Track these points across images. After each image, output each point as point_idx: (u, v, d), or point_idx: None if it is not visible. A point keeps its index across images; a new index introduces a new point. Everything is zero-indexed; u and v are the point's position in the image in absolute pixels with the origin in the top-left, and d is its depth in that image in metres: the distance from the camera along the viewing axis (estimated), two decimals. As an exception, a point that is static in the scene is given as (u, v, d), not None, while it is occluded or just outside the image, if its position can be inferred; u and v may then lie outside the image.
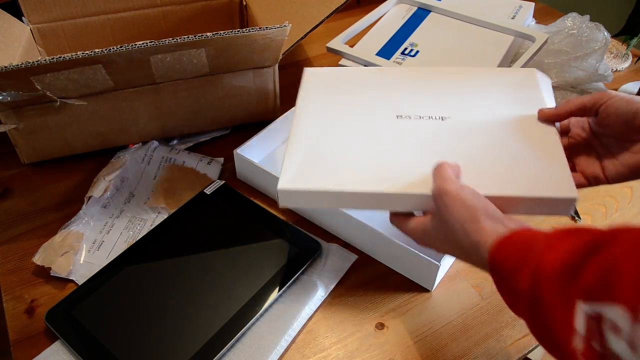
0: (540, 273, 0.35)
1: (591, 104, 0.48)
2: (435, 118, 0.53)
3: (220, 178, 0.69)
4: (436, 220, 0.45)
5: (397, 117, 0.53)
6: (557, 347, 0.34)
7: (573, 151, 0.52)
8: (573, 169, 0.51)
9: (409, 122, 0.53)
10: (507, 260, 0.39)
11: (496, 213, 0.43)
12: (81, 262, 0.59)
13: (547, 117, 0.52)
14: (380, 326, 0.54)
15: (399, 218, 0.49)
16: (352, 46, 0.84)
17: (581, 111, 0.49)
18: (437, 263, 0.53)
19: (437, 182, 0.44)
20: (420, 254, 0.54)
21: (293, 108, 0.73)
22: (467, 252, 0.43)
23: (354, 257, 0.59)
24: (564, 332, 0.33)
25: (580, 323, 0.31)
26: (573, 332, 0.32)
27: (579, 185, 0.50)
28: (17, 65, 0.55)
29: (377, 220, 0.61)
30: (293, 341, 0.52)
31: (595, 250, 0.32)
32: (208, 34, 0.59)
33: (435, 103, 0.55)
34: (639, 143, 0.47)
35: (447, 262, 0.56)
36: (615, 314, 0.29)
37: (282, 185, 0.47)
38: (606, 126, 0.48)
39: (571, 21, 0.84)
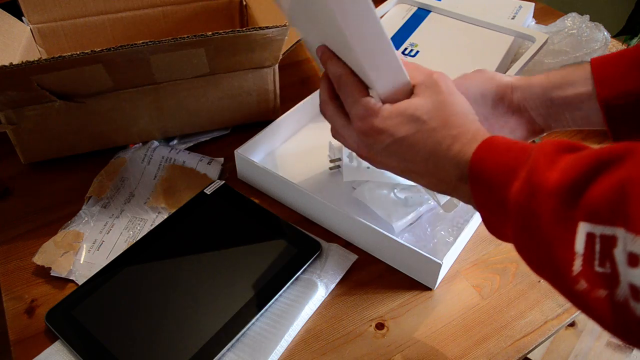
0: (539, 187, 0.32)
1: None
2: None
3: (220, 178, 0.69)
4: (431, 98, 0.41)
5: None
6: (554, 270, 0.32)
7: None
8: None
9: None
10: (495, 164, 0.36)
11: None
12: (81, 262, 0.59)
13: None
14: (380, 326, 0.54)
15: (358, 89, 0.42)
16: (352, 46, 0.84)
17: None
18: (440, 261, 0.53)
19: (420, 67, 0.43)
20: (423, 252, 0.54)
21: (294, 108, 0.73)
22: (450, 150, 0.39)
23: (354, 257, 0.59)
24: (563, 255, 0.30)
25: (580, 244, 0.29)
26: (573, 255, 0.30)
27: None
28: (17, 65, 0.55)
29: (378, 219, 0.61)
30: (293, 341, 0.52)
31: (603, 167, 0.30)
32: (208, 33, 0.59)
33: None
34: (502, 123, 0.50)
35: (449, 260, 0.56)
36: (623, 236, 0.27)
37: None
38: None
39: (571, 21, 0.84)
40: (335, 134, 0.48)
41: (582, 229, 0.29)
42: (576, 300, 0.31)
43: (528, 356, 0.54)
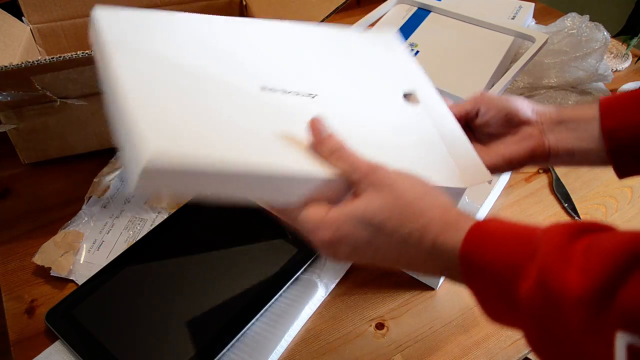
0: (559, 295, 0.27)
1: (471, 107, 0.50)
2: (304, 95, 0.42)
3: (220, 178, 0.69)
4: (377, 195, 0.35)
5: (262, 89, 0.41)
6: None
7: None
8: None
9: (275, 97, 0.41)
10: (493, 258, 0.31)
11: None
12: (81, 262, 0.59)
13: None
14: (380, 326, 0.54)
15: (297, 211, 0.37)
16: (352, 46, 0.84)
17: (464, 117, 0.51)
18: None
19: (354, 161, 0.36)
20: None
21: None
22: (421, 244, 0.34)
23: (354, 257, 0.59)
24: None
25: (620, 358, 0.25)
26: None
27: None
28: (17, 65, 0.55)
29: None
30: (293, 341, 0.52)
31: (636, 263, 0.26)
32: (208, 34, 0.59)
33: (298, 74, 0.44)
34: (511, 136, 0.48)
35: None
36: None
37: (154, 153, 0.30)
38: (484, 123, 0.50)
39: (571, 21, 0.84)
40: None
41: (621, 341, 0.25)
42: None
43: (528, 356, 0.54)
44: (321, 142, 0.38)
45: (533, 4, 0.93)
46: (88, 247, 0.60)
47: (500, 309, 0.33)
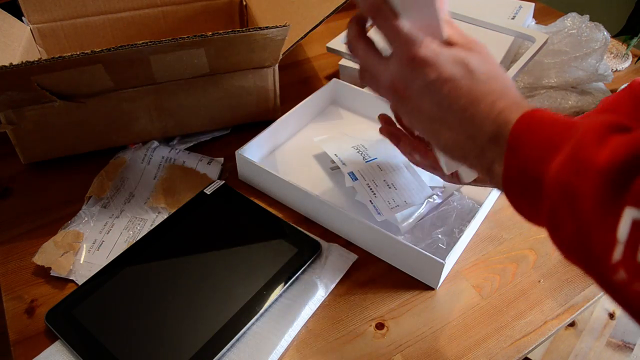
0: (585, 164, 0.29)
1: None
2: None
3: (220, 178, 0.69)
4: (478, 57, 0.40)
5: None
6: (590, 255, 0.30)
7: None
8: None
9: None
10: (537, 138, 0.34)
11: None
12: (81, 262, 0.59)
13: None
14: (380, 326, 0.54)
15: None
16: (352, 46, 0.84)
17: None
18: (442, 261, 0.53)
19: (463, 32, 0.42)
20: (426, 252, 0.54)
21: (294, 108, 0.73)
22: (493, 106, 0.38)
23: (354, 257, 0.59)
24: (603, 240, 0.28)
25: (623, 230, 0.27)
26: (614, 242, 0.27)
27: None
28: (17, 65, 0.55)
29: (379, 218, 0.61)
30: (293, 341, 0.52)
31: None
32: (208, 33, 0.59)
33: None
34: None
35: (451, 260, 0.56)
36: None
37: None
38: None
39: (571, 21, 0.84)
40: (365, 73, 0.46)
41: (628, 215, 0.27)
42: (612, 291, 0.29)
43: (528, 356, 0.54)
44: (442, 10, 0.42)
45: (533, 4, 0.93)
46: (88, 247, 0.60)
47: (525, 190, 0.35)
